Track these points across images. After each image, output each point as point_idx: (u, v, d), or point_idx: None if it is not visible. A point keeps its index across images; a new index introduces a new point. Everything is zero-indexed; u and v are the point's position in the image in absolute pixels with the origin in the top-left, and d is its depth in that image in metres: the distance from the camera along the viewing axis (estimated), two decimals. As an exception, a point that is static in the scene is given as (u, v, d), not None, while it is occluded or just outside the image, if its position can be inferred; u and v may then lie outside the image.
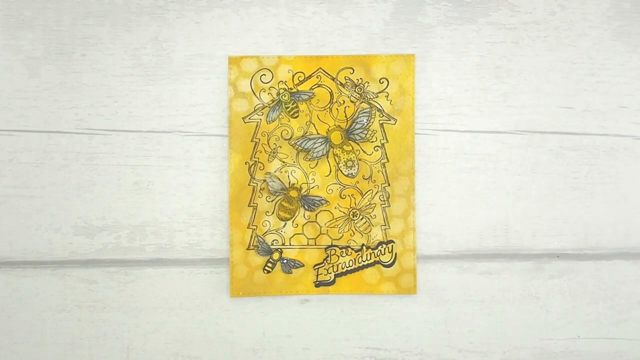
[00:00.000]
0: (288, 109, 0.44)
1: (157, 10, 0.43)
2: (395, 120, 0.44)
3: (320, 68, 0.44)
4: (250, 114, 0.44)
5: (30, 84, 0.44)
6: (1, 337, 0.45)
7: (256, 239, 0.44)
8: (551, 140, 0.44)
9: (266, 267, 0.44)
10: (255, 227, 0.44)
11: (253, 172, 0.44)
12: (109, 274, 0.45)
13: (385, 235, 0.44)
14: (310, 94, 0.44)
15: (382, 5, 0.43)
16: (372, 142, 0.44)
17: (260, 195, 0.44)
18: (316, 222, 0.44)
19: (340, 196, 0.44)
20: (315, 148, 0.43)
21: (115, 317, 0.45)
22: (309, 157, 0.44)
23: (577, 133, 0.44)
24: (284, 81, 0.44)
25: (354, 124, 0.44)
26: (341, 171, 0.44)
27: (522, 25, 0.44)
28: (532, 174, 0.44)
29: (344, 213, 0.44)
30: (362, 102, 0.44)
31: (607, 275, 0.45)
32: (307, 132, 0.44)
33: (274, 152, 0.44)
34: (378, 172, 0.44)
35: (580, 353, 0.45)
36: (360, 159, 0.44)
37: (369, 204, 0.44)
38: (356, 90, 0.44)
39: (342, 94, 0.44)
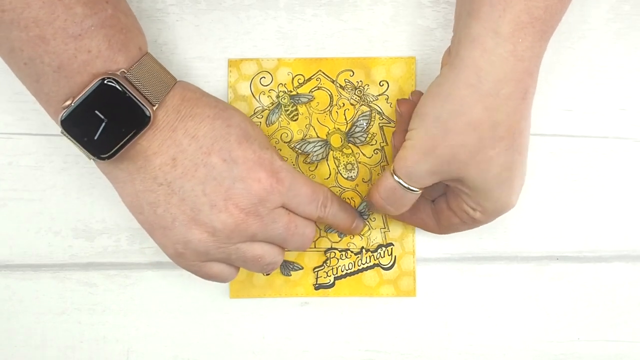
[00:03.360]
0: (287, 112, 0.44)
1: (157, 13, 0.43)
2: (395, 123, 0.44)
3: (320, 70, 0.44)
4: (250, 116, 0.44)
5: (29, 87, 0.44)
6: (1, 340, 0.45)
7: (256, 241, 0.44)
8: (551, 142, 0.44)
9: (266, 270, 0.44)
10: (254, 230, 0.44)
11: (253, 175, 0.44)
12: (109, 277, 0.45)
13: (385, 237, 0.44)
14: (310, 97, 0.44)
15: (381, 8, 0.43)
16: (371, 145, 0.44)
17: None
18: (315, 224, 0.44)
19: (340, 199, 0.44)
20: (315, 151, 0.43)
21: (115, 320, 0.45)
22: (308, 160, 0.44)
23: (577, 135, 0.44)
24: (283, 84, 0.44)
25: (354, 127, 0.43)
26: (341, 174, 0.44)
27: (521, 28, 0.44)
28: (532, 176, 0.44)
29: (344, 216, 0.44)
30: (362, 104, 0.44)
31: (606, 277, 0.45)
32: (306, 135, 0.44)
33: (273, 155, 0.44)
34: (378, 175, 0.44)
35: (580, 355, 0.45)
36: (359, 162, 0.44)
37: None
38: (356, 93, 0.44)
39: (342, 96, 0.44)
